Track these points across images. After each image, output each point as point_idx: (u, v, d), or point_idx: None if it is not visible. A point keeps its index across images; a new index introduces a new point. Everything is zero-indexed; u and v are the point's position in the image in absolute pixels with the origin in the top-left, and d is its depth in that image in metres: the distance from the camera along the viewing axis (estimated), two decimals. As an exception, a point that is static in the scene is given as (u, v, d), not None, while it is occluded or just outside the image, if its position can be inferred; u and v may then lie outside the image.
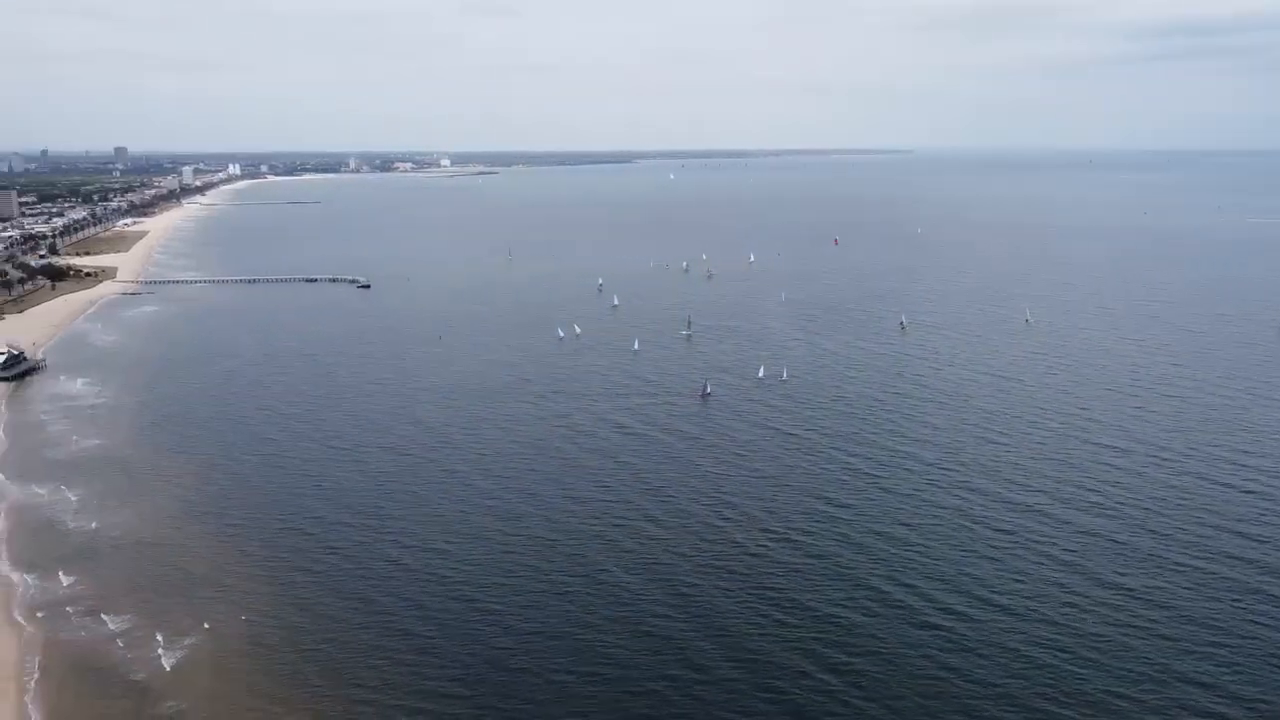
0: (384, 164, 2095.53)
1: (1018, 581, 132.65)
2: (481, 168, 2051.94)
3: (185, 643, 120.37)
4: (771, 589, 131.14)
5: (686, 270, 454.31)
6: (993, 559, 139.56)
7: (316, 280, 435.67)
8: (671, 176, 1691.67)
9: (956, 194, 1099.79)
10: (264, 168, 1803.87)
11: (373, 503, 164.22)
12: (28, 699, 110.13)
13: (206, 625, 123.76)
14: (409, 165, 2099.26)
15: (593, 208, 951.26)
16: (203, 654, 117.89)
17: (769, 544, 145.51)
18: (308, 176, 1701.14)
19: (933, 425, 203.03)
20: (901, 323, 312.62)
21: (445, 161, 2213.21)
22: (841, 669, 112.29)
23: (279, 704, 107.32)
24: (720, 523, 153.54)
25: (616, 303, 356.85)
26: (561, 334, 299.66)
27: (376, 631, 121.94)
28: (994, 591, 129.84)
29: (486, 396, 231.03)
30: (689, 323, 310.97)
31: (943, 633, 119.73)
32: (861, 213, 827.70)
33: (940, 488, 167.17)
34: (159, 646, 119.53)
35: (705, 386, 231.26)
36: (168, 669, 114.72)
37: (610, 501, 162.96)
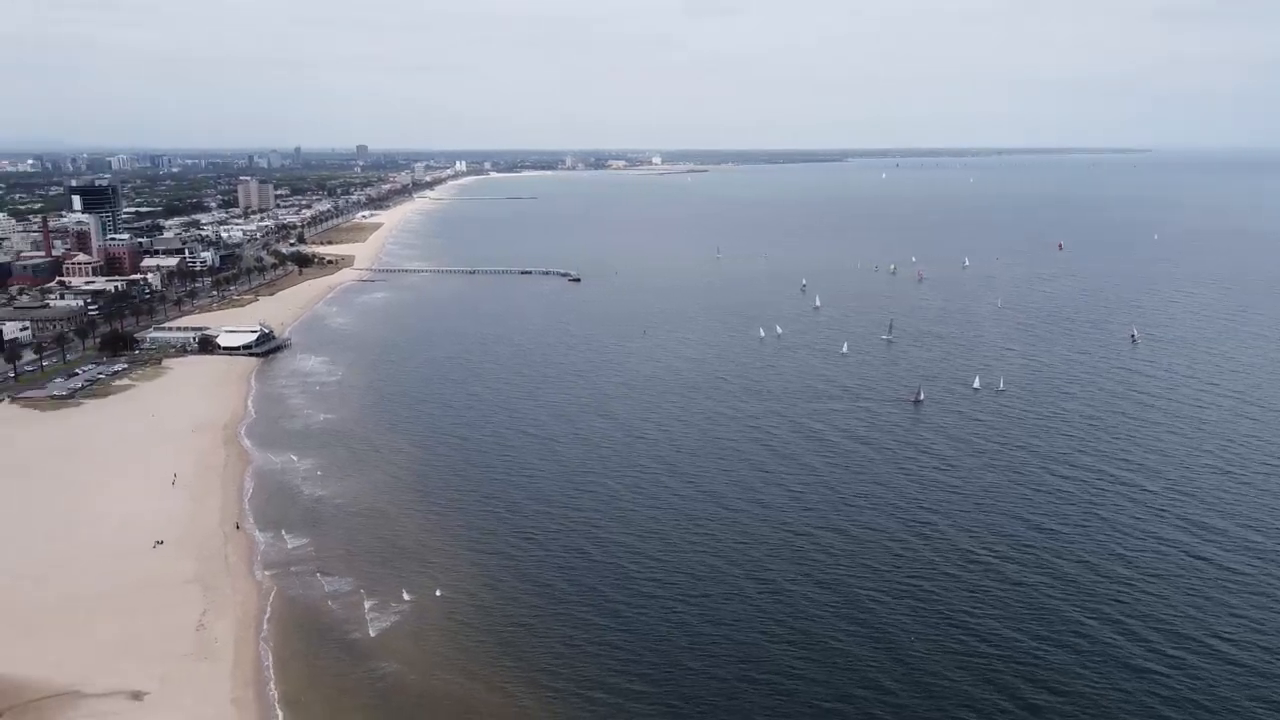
0: (598, 161, 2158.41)
1: (1252, 631, 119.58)
2: (692, 166, 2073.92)
3: (389, 609, 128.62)
4: (966, 615, 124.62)
5: (894, 272, 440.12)
6: (1223, 604, 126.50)
7: (530, 272, 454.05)
8: (884, 176, 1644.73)
9: (1202, 198, 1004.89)
10: (487, 164, 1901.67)
11: (564, 493, 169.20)
12: (262, 642, 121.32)
13: (407, 596, 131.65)
14: (622, 163, 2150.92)
15: (800, 207, 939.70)
16: (403, 622, 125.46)
17: (967, 567, 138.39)
18: (527, 173, 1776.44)
19: (1161, 451, 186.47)
20: (1132, 335, 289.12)
21: (656, 160, 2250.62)
22: (1041, 708, 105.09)
23: (468, 678, 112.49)
24: (914, 540, 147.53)
25: (819, 304, 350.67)
26: (763, 334, 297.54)
27: (560, 619, 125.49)
28: (1222, 640, 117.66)
29: (683, 394, 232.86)
30: (890, 327, 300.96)
31: (1158, 681, 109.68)
32: (1090, 215, 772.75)
33: (1165, 521, 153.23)
34: (366, 611, 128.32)
35: (918, 392, 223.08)
36: (372, 634, 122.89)
37: (801, 510, 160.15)
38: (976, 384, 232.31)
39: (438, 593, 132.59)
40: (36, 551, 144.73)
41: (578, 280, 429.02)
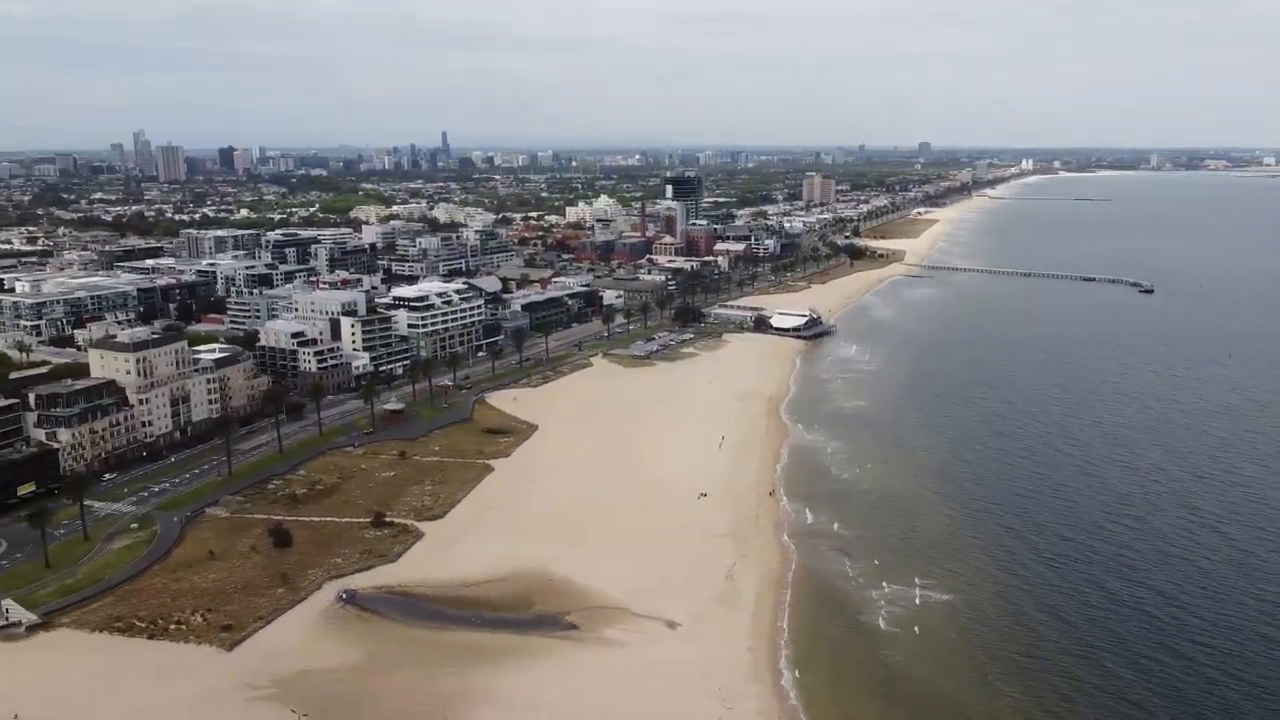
0: (1190, 161, 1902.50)
1: None
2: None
3: (900, 600, 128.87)
4: None
5: None
6: None
7: (1094, 280, 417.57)
8: None
9: None
10: (1056, 163, 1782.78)
11: (1097, 521, 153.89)
12: (786, 603, 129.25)
13: (919, 591, 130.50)
14: (1222, 163, 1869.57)
15: None
16: (912, 616, 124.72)
17: None
18: (1101, 173, 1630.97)
19: None
20: None
21: (1270, 160, 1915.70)
22: None
23: (970, 691, 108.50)
24: None
25: None
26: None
27: (1068, 654, 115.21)
28: None
29: (1262, 433, 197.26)
30: None
31: None
32: None
33: None
34: (879, 598, 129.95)
35: None
36: (881, 620, 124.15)
37: None
38: None
39: (945, 596, 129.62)
40: (612, 485, 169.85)
41: (1150, 291, 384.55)
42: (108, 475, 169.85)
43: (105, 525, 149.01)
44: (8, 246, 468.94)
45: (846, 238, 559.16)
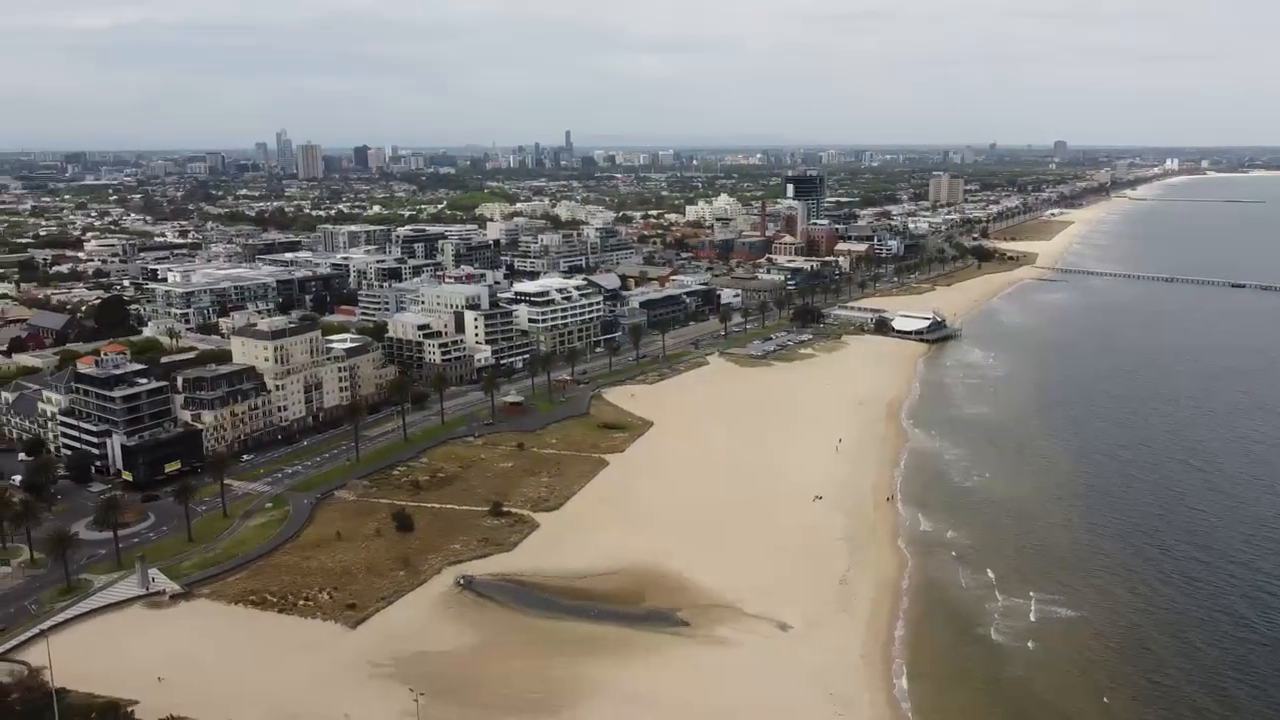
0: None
1: None
2: None
3: (1018, 614, 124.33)
4: None
5: None
6: None
7: (1244, 286, 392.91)
8: None
9: None
10: (1204, 163, 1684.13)
11: (1231, 546, 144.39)
12: (901, 610, 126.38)
13: (1036, 605, 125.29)
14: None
15: None
16: (1030, 630, 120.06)
17: None
18: (1255, 173, 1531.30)
19: None
20: None
21: None
22: None
23: (1081, 712, 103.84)
24: None
25: None
26: None
27: (1194, 683, 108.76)
28: None
29: None
30: None
31: None
32: None
33: None
34: (997, 610, 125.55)
35: None
36: (998, 636, 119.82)
37: None
38: None
39: (1067, 613, 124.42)
40: (726, 484, 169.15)
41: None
42: (246, 456, 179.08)
43: (243, 504, 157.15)
44: (162, 239, 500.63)
45: (974, 239, 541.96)
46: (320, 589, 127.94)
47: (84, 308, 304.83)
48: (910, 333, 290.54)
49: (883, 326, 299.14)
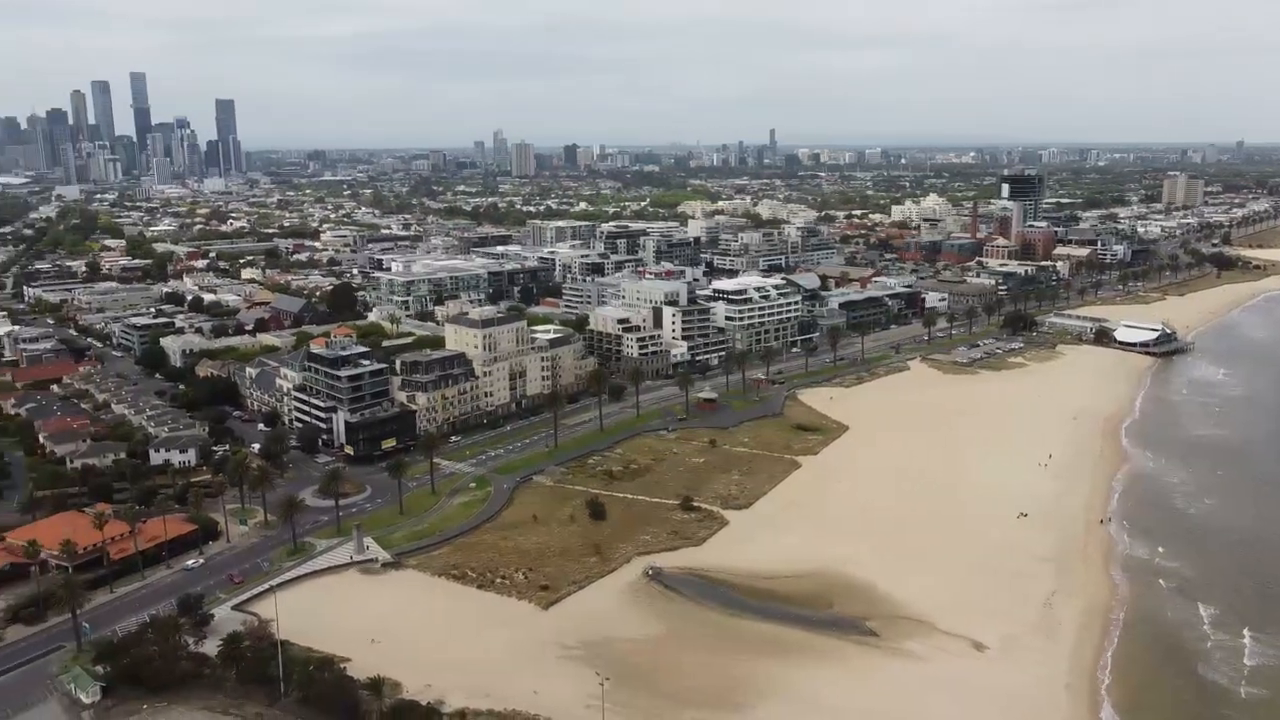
0: None
1: None
2: None
3: (1246, 654, 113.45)
4: None
5: None
6: None
7: None
8: None
9: None
10: None
11: None
12: (1112, 640, 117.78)
13: (1268, 649, 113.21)
14: None
15: None
16: (1257, 674, 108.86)
17: None
18: None
19: None
20: None
21: None
22: None
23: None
24: None
25: None
26: None
27: None
28: None
29: None
30: None
31: None
32: None
33: None
34: (1219, 647, 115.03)
35: None
36: (1221, 678, 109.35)
37: None
38: None
39: (1250, 662, 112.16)
40: (922, 494, 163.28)
41: None
42: (454, 437, 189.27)
43: (449, 482, 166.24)
44: (388, 232, 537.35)
45: (1214, 245, 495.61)
46: (516, 569, 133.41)
47: (318, 293, 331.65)
48: (1134, 344, 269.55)
49: (1103, 337, 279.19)
